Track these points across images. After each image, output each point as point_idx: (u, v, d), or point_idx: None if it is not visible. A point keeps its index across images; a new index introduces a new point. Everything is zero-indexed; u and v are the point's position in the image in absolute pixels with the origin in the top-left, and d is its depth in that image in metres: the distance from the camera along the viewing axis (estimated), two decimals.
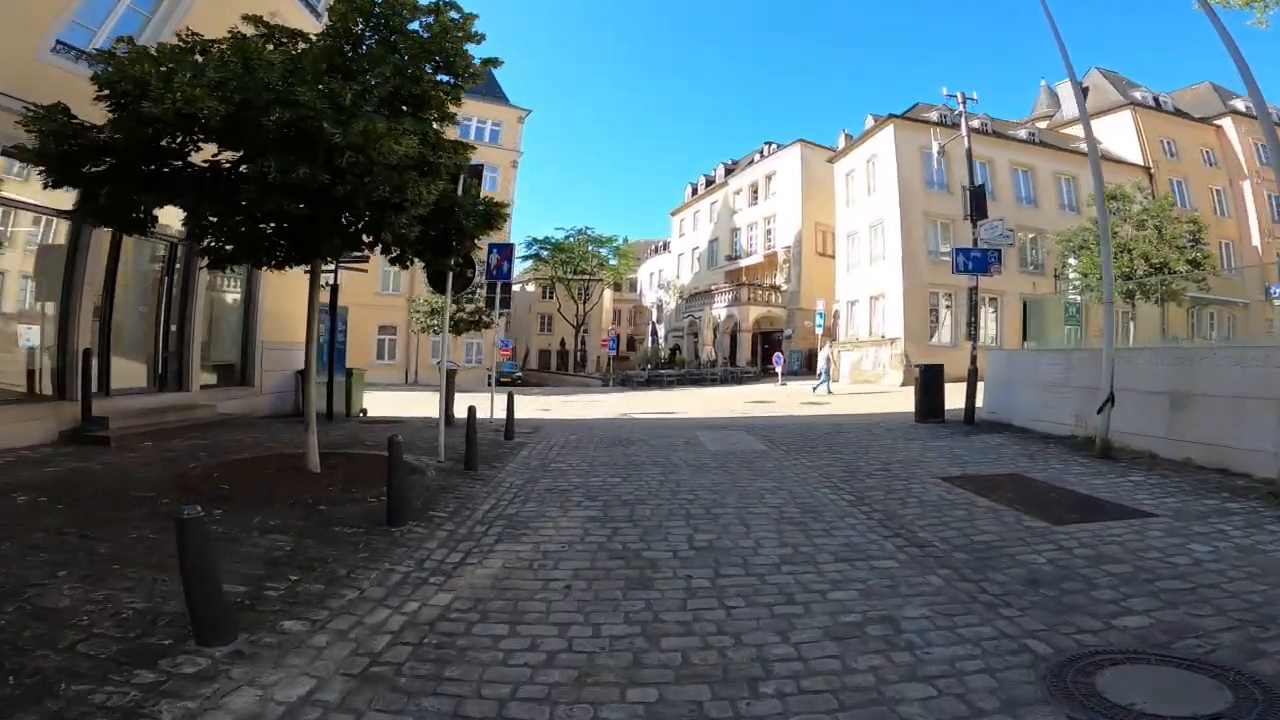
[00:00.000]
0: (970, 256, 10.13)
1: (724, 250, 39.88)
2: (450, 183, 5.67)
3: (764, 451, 7.66)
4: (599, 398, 19.60)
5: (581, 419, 11.82)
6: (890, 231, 22.75)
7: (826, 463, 6.96)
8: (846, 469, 6.61)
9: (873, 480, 6.10)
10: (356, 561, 3.70)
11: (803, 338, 32.12)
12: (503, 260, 10.57)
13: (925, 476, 6.25)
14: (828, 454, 7.47)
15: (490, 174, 36.87)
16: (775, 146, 35.88)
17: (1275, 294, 25.35)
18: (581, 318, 48.52)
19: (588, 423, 11.01)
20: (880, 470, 6.56)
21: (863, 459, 7.17)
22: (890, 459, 7.16)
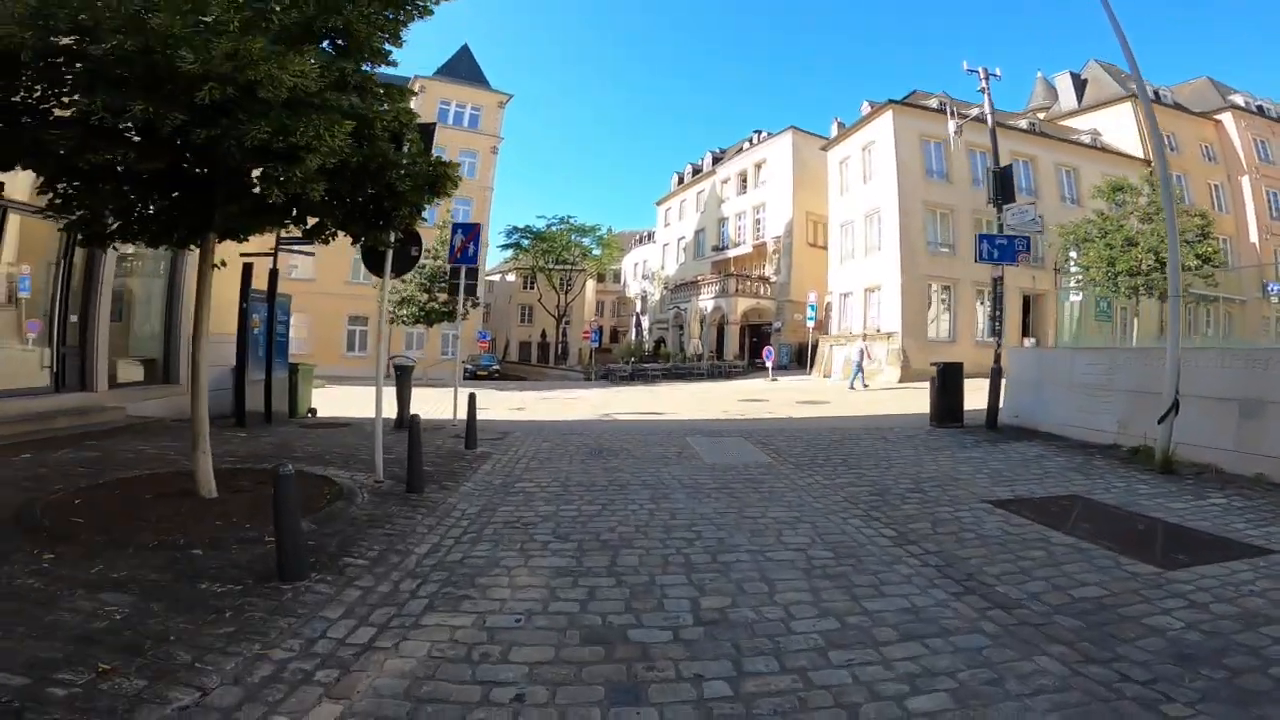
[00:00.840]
0: (995, 244, 9.12)
1: (711, 240, 38.79)
2: (389, 140, 4.44)
3: (769, 465, 6.56)
4: (579, 394, 18.42)
5: (558, 421, 10.66)
6: (888, 221, 21.81)
7: (847, 481, 5.88)
8: (874, 490, 5.54)
9: (910, 507, 5.03)
10: (212, 641, 2.55)
11: (792, 331, 31.20)
12: (468, 242, 9.34)
13: (971, 500, 5.21)
14: (845, 469, 6.40)
15: (468, 159, 35.59)
16: (765, 134, 34.84)
17: (1273, 291, 24.99)
18: (563, 309, 47.26)
19: (564, 426, 9.84)
20: (914, 491, 5.50)
21: (888, 476, 6.11)
22: (921, 475, 6.11)
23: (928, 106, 22.79)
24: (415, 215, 5.17)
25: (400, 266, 5.93)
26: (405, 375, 8.90)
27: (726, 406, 13.44)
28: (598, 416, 11.31)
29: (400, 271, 6.07)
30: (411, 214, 5.09)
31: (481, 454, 7.19)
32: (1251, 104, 28.18)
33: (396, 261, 5.82)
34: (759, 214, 34.06)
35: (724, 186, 38.21)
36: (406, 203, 4.74)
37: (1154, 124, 6.94)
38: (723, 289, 32.11)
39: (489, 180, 35.50)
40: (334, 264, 31.29)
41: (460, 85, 35.03)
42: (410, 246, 5.88)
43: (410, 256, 5.94)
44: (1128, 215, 19.00)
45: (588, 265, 49.91)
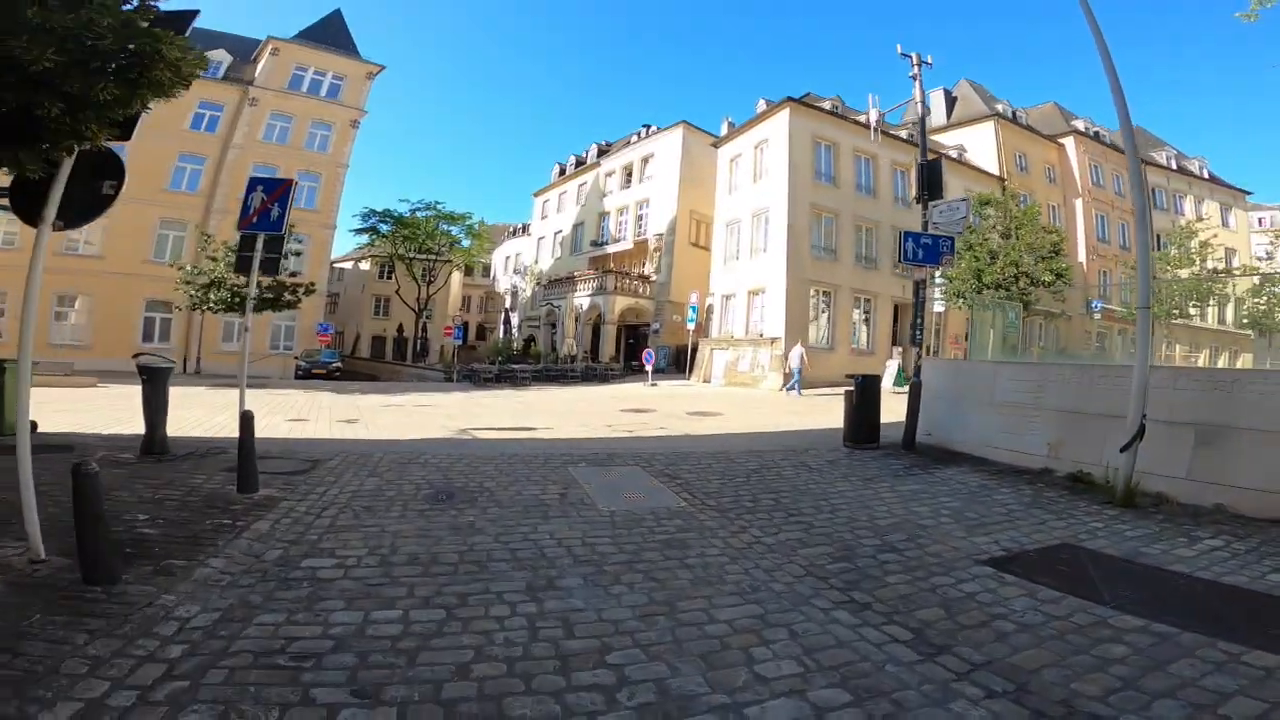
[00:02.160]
0: (920, 244, 8.27)
1: (590, 235, 37.09)
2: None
3: (687, 514, 4.92)
4: (435, 399, 15.79)
5: (400, 440, 8.25)
6: (776, 221, 21.43)
7: (795, 538, 4.40)
8: (836, 552, 4.12)
9: (896, 579, 3.69)
10: None
11: (671, 333, 30.39)
12: (271, 202, 6.75)
13: (962, 561, 4.03)
14: (783, 516, 4.93)
15: (321, 132, 31.12)
16: (655, 129, 33.82)
17: (1096, 308, 28.29)
18: (424, 302, 43.22)
19: (407, 449, 7.52)
20: (885, 551, 4.18)
21: (840, 525, 4.73)
22: (878, 523, 4.80)
23: (822, 108, 22.88)
24: (95, 125, 2.85)
25: (81, 209, 3.44)
26: (158, 381, 6.16)
27: (609, 418, 11.72)
28: (454, 434, 9.02)
29: (83, 218, 3.56)
30: (92, 122, 2.78)
31: (263, 501, 4.84)
32: (1090, 129, 31.98)
33: (79, 205, 3.36)
34: (642, 210, 32.92)
35: (608, 180, 36.68)
36: (73, 97, 2.45)
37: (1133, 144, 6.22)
38: (601, 286, 30.51)
39: (344, 156, 31.61)
40: (129, 237, 25.76)
41: (323, 51, 31.39)
42: (100, 179, 3.42)
43: (101, 195, 3.45)
44: (990, 229, 20.06)
45: (455, 256, 46.23)
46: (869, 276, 22.99)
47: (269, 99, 29.62)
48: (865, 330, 23.31)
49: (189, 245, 26.85)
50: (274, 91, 29.81)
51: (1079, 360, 15.49)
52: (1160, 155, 35.44)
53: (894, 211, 24.25)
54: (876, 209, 23.64)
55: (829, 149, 22.47)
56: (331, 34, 32.44)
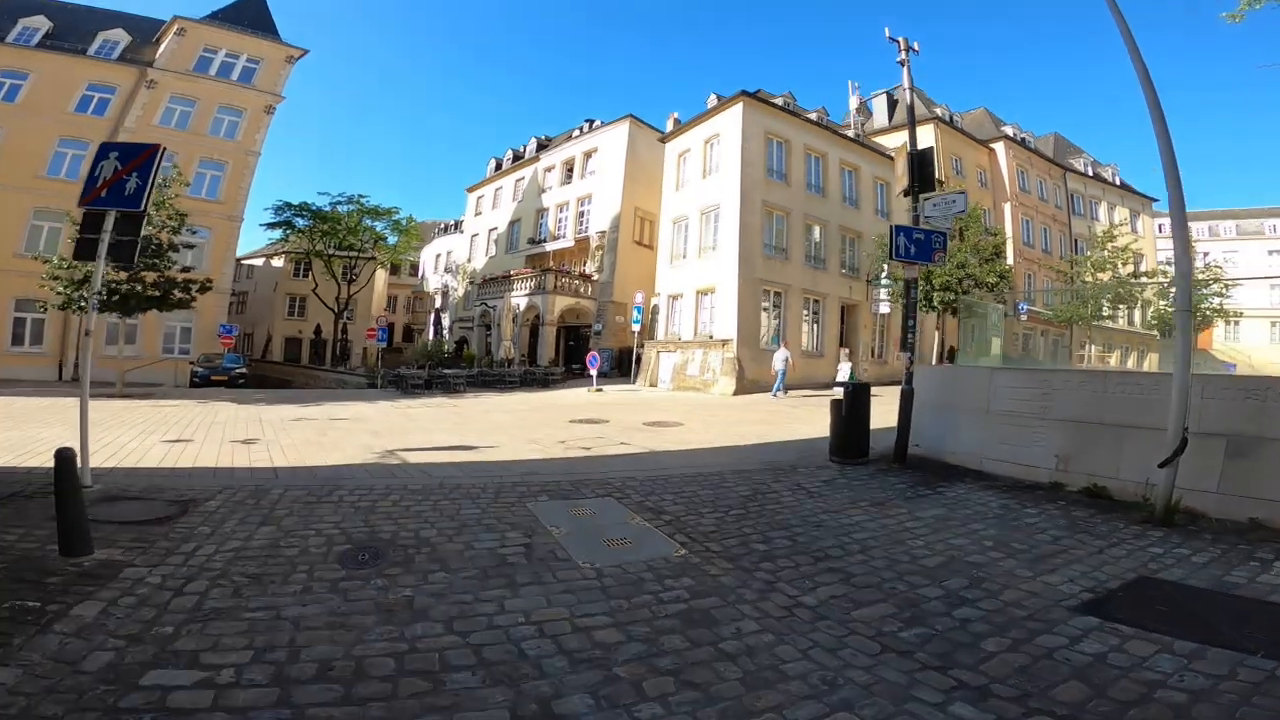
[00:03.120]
0: (913, 239, 7.57)
1: (528, 232, 35.47)
2: None
3: (691, 566, 3.90)
4: (357, 410, 14.07)
5: (307, 468, 6.74)
6: (727, 219, 20.76)
7: (837, 594, 3.54)
8: (898, 611, 3.32)
9: (991, 643, 2.98)
10: None
11: (614, 334, 29.34)
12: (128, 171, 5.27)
13: (1048, 610, 3.35)
14: (808, 562, 4.04)
15: (229, 117, 28.28)
16: (599, 123, 32.63)
17: (1022, 310, 29.36)
18: (345, 302, 40.33)
19: (317, 479, 6.02)
20: (955, 603, 3.47)
21: (883, 571, 3.94)
22: (921, 563, 4.03)
23: (775, 104, 22.43)
24: None
25: None
26: None
27: (561, 431, 10.52)
28: (378, 457, 7.53)
29: None
30: None
31: (97, 568, 3.48)
32: (1018, 135, 33.37)
33: None
34: (584, 206, 31.67)
35: (547, 175, 35.15)
36: None
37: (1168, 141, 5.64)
38: (540, 285, 29.07)
39: (255, 144, 29.07)
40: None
41: (236, 32, 28.78)
42: None
43: None
44: None
45: (380, 254, 43.50)
46: (818, 277, 22.74)
47: (170, 81, 27.04)
48: (814, 332, 23.04)
49: (66, 237, 23.70)
50: (177, 74, 27.28)
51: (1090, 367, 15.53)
52: (1078, 162, 37.53)
53: (842, 211, 24.17)
54: (826, 208, 23.44)
55: (781, 145, 22.04)
56: (250, 15, 30.16)
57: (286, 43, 30.42)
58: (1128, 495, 6.05)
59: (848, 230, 24.22)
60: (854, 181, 24.70)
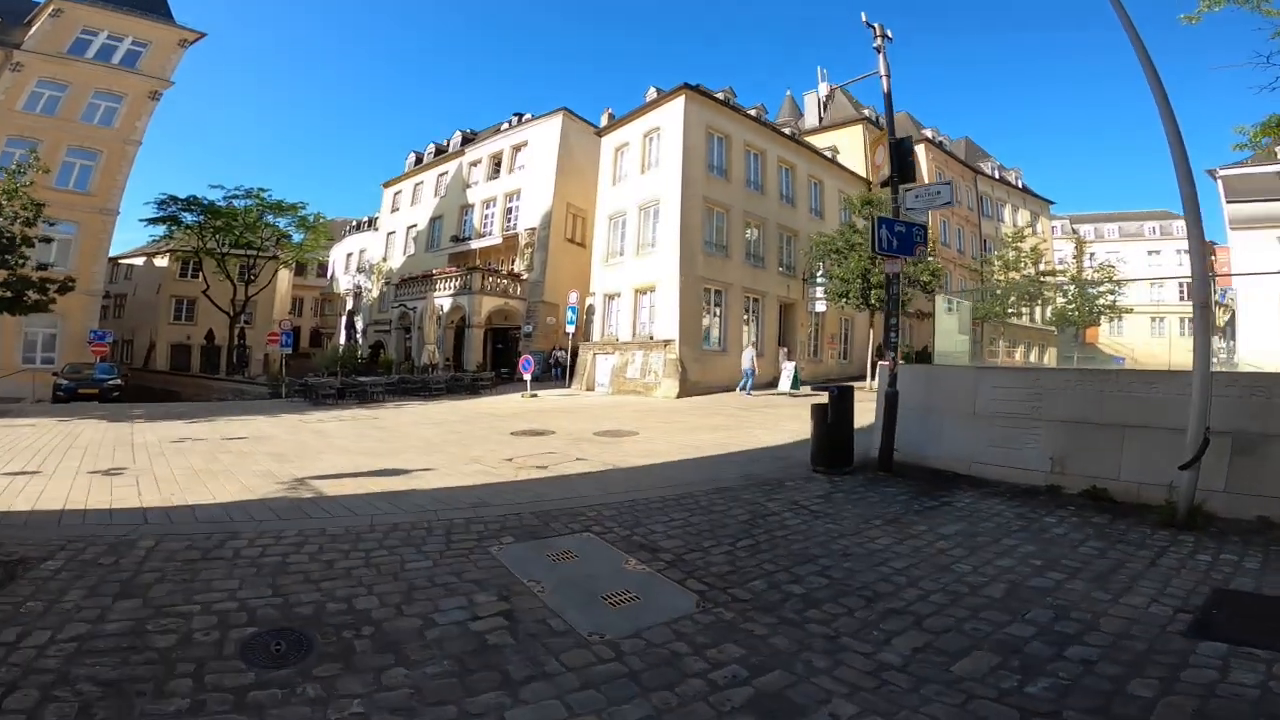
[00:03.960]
0: (895, 231, 7.08)
1: (451, 229, 33.51)
2: None
3: (725, 624, 3.08)
4: (258, 426, 12.31)
5: (191, 508, 5.33)
6: (667, 214, 20.10)
7: (916, 642, 2.90)
8: (1002, 660, 2.76)
9: (1140, 688, 2.47)
10: None
11: (545, 336, 28.13)
12: None
13: (1165, 640, 2.93)
14: (860, 605, 3.38)
15: (106, 103, 25.05)
16: (530, 116, 31.24)
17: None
18: (242, 304, 36.91)
19: (203, 526, 4.69)
20: (1056, 640, 2.88)
21: (952, 607, 3.35)
22: (984, 592, 3.52)
23: (717, 98, 21.98)
24: None
25: None
26: None
27: (504, 446, 9.41)
28: (284, 489, 6.11)
29: None
30: None
31: None
32: (936, 138, 34.83)
33: None
34: (512, 202, 30.18)
35: (473, 169, 33.33)
36: None
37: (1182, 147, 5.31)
38: (466, 285, 27.38)
39: (135, 132, 26.14)
40: None
41: (121, 14, 25.69)
42: None
43: None
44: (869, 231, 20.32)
45: (284, 252, 40.15)
46: (758, 275, 22.54)
47: (38, 64, 23.95)
48: (754, 331, 22.80)
49: None
50: (48, 56, 24.20)
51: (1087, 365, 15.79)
52: (987, 166, 39.75)
53: (780, 209, 24.13)
54: (764, 206, 23.29)
55: (721, 141, 21.65)
56: None
57: (180, 25, 27.46)
58: (1131, 497, 5.80)
59: (785, 228, 24.21)
60: (791, 179, 24.73)
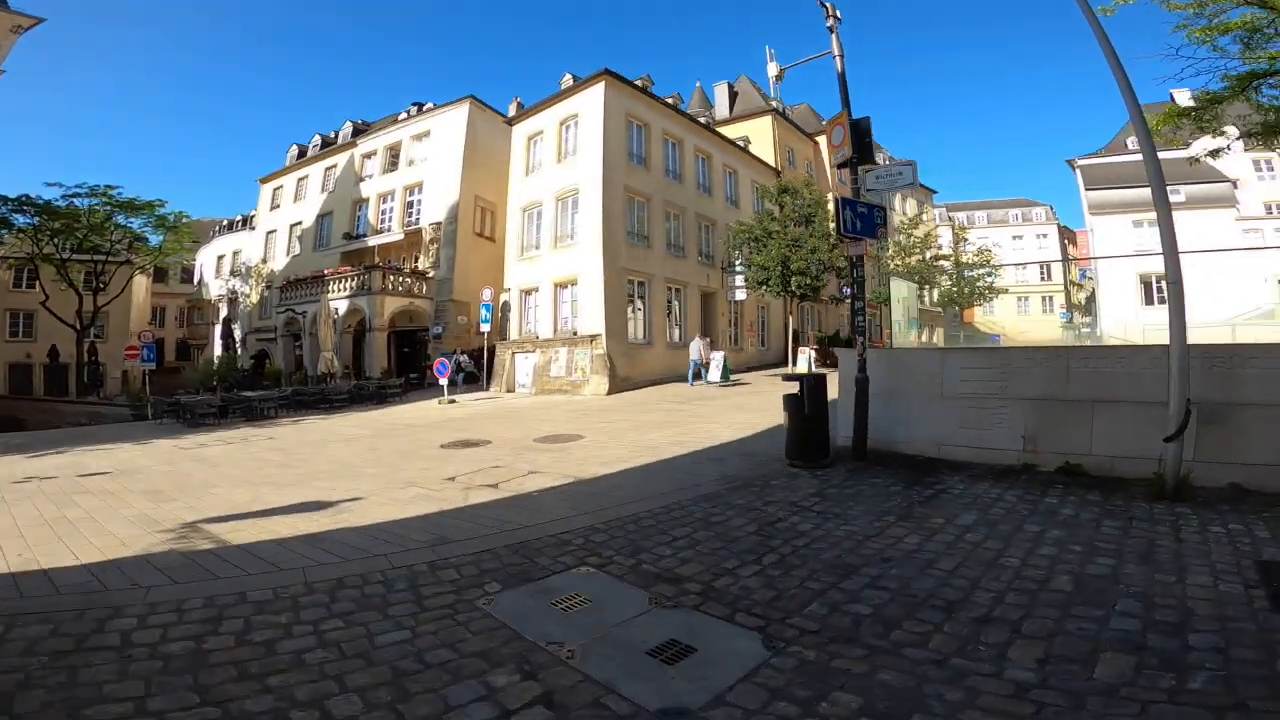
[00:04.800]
0: (858, 212, 6.85)
1: (343, 226, 30.88)
2: None
3: (818, 670, 2.59)
4: (124, 457, 10.42)
5: (47, 573, 3.94)
6: (588, 204, 19.35)
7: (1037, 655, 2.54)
8: (1140, 658, 2.49)
9: None
10: None
11: (456, 336, 26.59)
12: None
13: (1256, 617, 2.86)
14: (940, 615, 2.96)
15: None
16: (431, 106, 29.30)
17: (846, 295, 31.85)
18: (91, 316, 32.38)
19: (65, 599, 3.48)
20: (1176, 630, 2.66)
21: (1037, 609, 2.98)
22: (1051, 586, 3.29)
23: (636, 85, 21.41)
24: None
25: None
26: None
27: (438, 464, 8.37)
28: (173, 539, 4.78)
29: None
30: None
31: None
32: None
33: None
34: (413, 195, 28.16)
35: (367, 162, 30.85)
36: None
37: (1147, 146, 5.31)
38: (365, 285, 25.27)
39: None
40: None
41: None
42: None
43: None
44: (788, 218, 20.68)
45: (139, 256, 35.62)
46: (679, 265, 22.33)
47: None
48: (677, 322, 22.59)
49: None
50: None
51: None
52: (880, 157, 41.97)
53: (698, 198, 24.05)
54: (683, 195, 23.09)
55: (641, 129, 21.18)
56: None
57: (13, 9, 23.21)
58: (1105, 471, 5.90)
59: (703, 218, 24.18)
60: (707, 169, 24.72)
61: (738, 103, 32.24)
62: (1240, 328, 25.40)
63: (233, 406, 18.32)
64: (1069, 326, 46.89)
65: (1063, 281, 60.31)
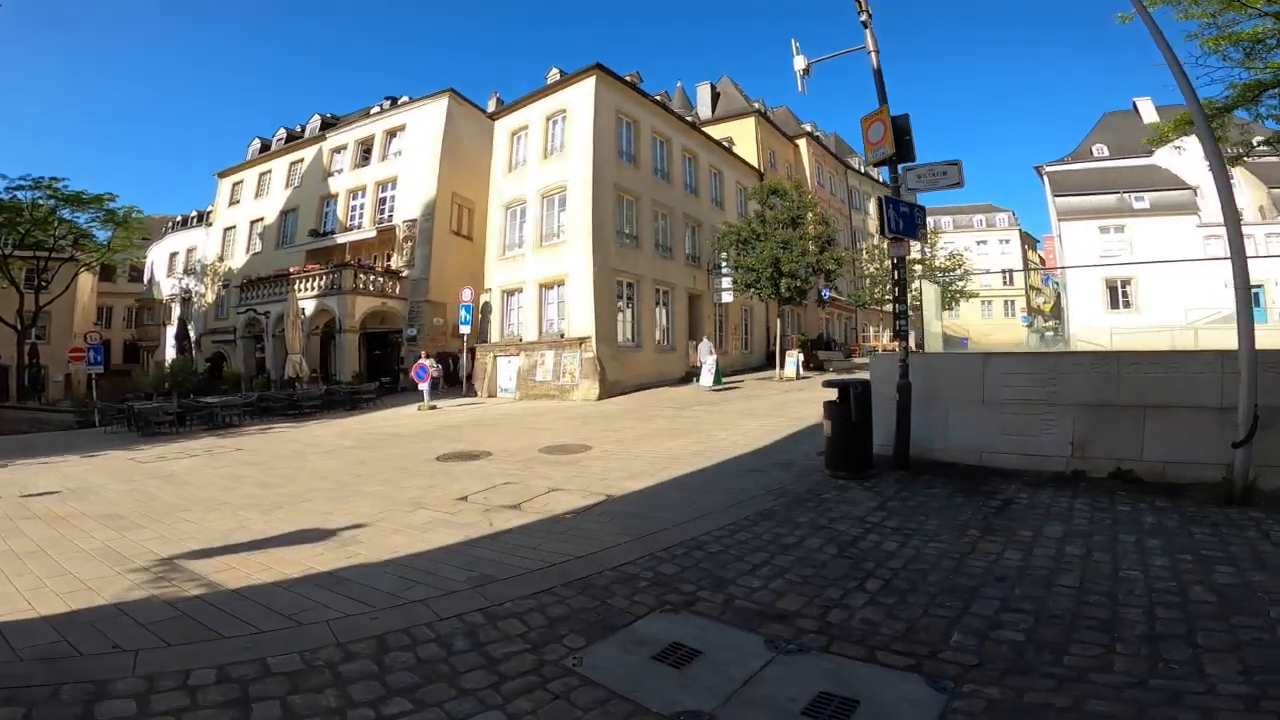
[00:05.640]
0: (900, 212, 6.59)
1: (309, 222, 29.65)
2: None
3: (1013, 713, 2.21)
4: (75, 471, 9.54)
5: None
6: (576, 202, 18.86)
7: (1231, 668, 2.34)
8: None
9: None
10: None
11: (432, 339, 25.72)
12: None
13: None
14: (1104, 637, 2.78)
15: None
16: (407, 99, 28.37)
17: (825, 296, 32.06)
18: (33, 316, 30.48)
19: (21, 668, 2.87)
20: None
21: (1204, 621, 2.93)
22: (1194, 598, 3.15)
23: (627, 81, 20.99)
24: None
25: None
26: None
27: (440, 479, 7.78)
28: (148, 581, 4.09)
29: None
30: None
31: None
32: (815, 133, 36.52)
33: None
34: (386, 191, 27.17)
35: (336, 156, 29.70)
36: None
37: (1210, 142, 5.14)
38: (335, 284, 24.23)
39: None
40: None
41: None
42: None
43: None
44: (779, 219, 20.56)
45: (86, 253, 33.80)
46: (667, 266, 22.02)
47: None
48: (665, 321, 22.25)
49: None
50: None
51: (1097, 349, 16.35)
52: (855, 161, 42.49)
53: (685, 198, 23.81)
54: (671, 195, 22.79)
55: (630, 126, 20.83)
56: None
57: None
58: (1157, 476, 5.80)
59: (690, 218, 23.95)
60: (694, 169, 24.50)
61: (720, 103, 32.17)
62: (1202, 330, 26.31)
63: (192, 414, 17.24)
64: (1033, 330, 48.24)
65: (1024, 286, 62.25)
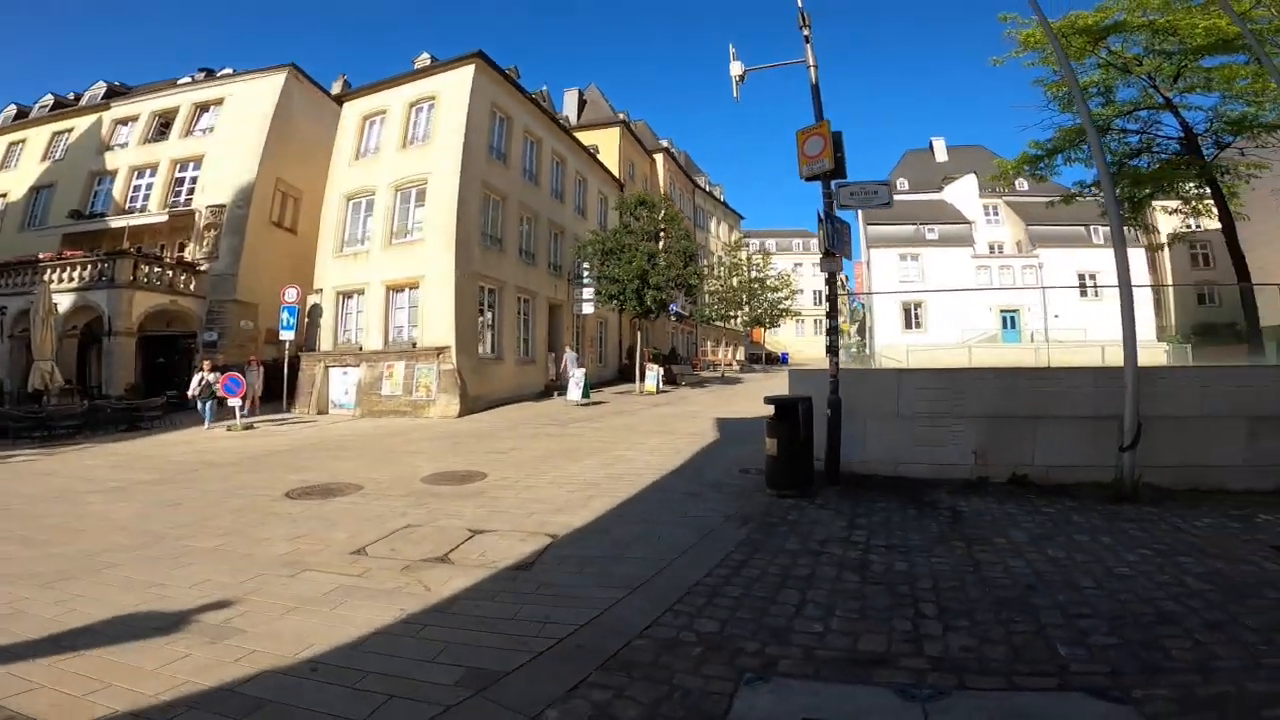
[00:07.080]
0: (836, 229, 6.86)
1: (70, 201, 24.12)
2: None
3: None
4: None
5: None
6: (441, 198, 17.38)
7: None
8: None
9: None
10: None
11: (238, 345, 22.21)
12: None
13: None
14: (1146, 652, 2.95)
15: None
16: (230, 71, 24.40)
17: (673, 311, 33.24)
18: None
19: None
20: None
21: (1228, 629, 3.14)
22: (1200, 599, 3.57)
23: (508, 74, 19.74)
24: None
25: None
26: None
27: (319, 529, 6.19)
28: None
29: None
30: None
31: None
32: (672, 149, 37.86)
33: None
34: (186, 171, 22.89)
35: (122, 128, 24.57)
36: None
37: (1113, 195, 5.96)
38: (104, 274, 19.83)
39: None
40: None
41: None
42: None
43: None
44: (644, 232, 20.88)
45: None
46: (530, 273, 21.24)
47: None
48: (524, 331, 21.42)
49: None
50: None
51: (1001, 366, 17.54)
52: (701, 180, 44.88)
53: (551, 204, 23.25)
54: (538, 199, 22.07)
55: (504, 122, 19.78)
56: None
57: None
58: (1044, 479, 6.67)
59: (554, 225, 23.45)
60: (562, 174, 24.05)
61: (586, 111, 32.15)
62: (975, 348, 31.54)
63: None
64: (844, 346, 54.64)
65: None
